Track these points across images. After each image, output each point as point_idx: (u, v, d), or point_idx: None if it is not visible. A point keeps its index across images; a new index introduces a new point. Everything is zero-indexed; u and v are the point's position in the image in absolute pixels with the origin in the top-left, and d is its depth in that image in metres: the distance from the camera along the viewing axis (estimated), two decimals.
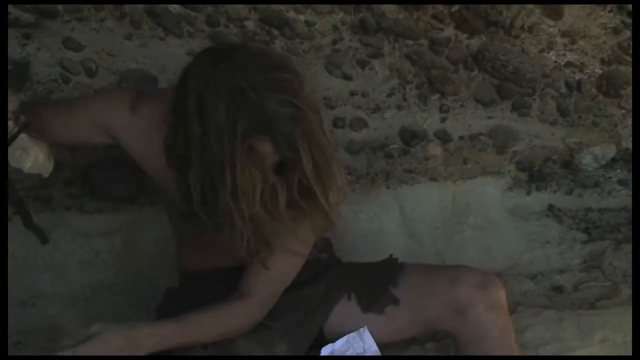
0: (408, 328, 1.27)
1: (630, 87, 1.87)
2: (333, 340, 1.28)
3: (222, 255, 1.24)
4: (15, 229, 1.52)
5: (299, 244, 1.13)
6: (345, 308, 1.29)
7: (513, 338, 1.25)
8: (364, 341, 1.24)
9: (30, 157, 1.00)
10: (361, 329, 1.25)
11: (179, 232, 1.34)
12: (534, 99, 1.90)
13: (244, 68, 0.94)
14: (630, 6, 1.67)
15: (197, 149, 0.96)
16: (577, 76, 1.87)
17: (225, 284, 1.21)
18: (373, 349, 1.23)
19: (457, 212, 1.98)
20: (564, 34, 1.76)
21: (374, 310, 1.26)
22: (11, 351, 1.45)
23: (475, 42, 1.74)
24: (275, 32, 1.57)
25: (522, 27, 1.70)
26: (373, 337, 1.24)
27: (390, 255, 1.38)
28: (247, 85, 0.91)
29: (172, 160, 1.06)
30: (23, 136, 0.99)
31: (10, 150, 0.97)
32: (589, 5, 1.69)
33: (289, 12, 1.56)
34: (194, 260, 1.31)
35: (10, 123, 0.97)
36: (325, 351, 1.26)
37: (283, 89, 0.93)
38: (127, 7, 1.48)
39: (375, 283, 1.29)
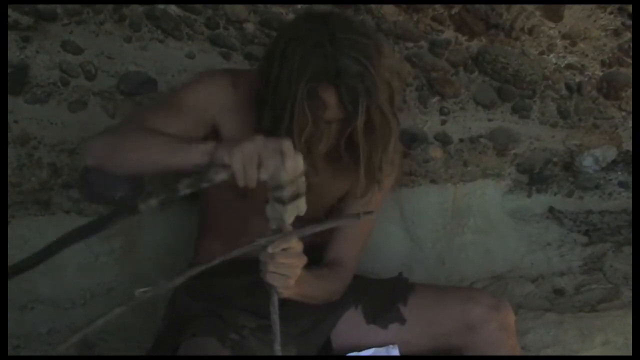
0: (417, 341, 1.28)
1: (631, 89, 1.87)
2: (340, 349, 1.29)
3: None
4: (15, 232, 1.53)
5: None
6: (352, 318, 1.30)
7: None
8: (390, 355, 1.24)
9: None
10: (390, 346, 1.25)
11: (215, 220, 1.35)
12: (534, 101, 1.89)
13: (330, 26, 1.05)
14: (630, 8, 1.66)
15: (272, 87, 1.07)
16: (578, 78, 1.87)
17: (245, 274, 1.22)
18: None
19: (458, 215, 1.97)
20: (564, 36, 1.75)
21: (378, 324, 1.27)
22: (10, 354, 1.45)
23: (475, 45, 1.74)
24: (275, 34, 1.57)
25: (522, 29, 1.70)
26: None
27: (400, 274, 1.41)
28: (328, 40, 1.03)
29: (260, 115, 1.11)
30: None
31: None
32: (589, 6, 1.69)
33: (289, 14, 1.56)
34: (218, 251, 1.30)
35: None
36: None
37: (359, 50, 1.03)
38: (126, 10, 1.48)
39: (385, 298, 1.30)
